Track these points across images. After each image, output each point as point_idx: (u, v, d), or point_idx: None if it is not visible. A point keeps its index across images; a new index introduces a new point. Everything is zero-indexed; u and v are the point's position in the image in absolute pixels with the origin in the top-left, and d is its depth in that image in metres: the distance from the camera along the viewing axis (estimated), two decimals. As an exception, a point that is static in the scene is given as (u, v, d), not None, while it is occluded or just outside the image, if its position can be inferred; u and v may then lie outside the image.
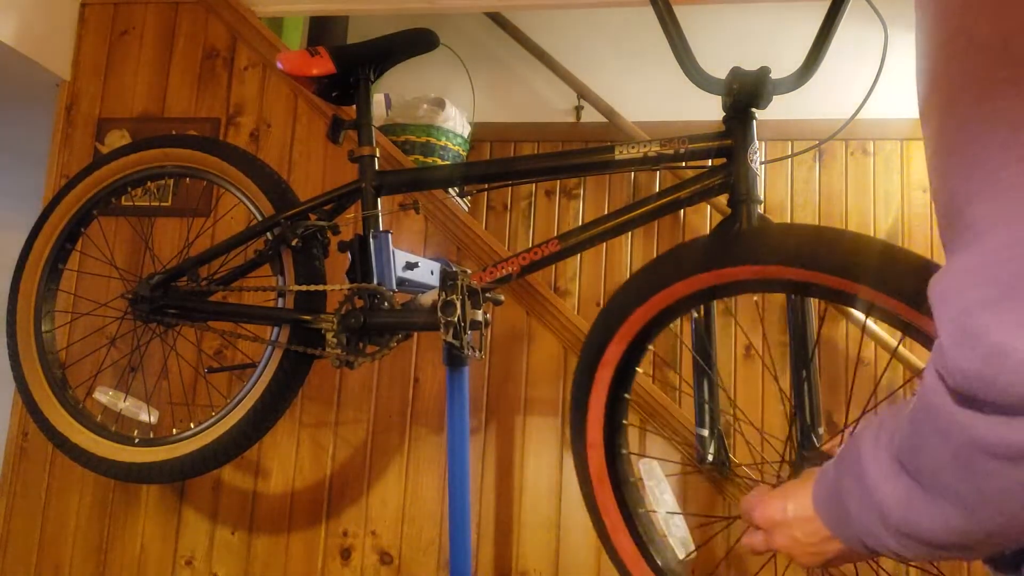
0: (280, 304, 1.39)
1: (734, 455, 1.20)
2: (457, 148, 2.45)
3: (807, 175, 2.73)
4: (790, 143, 2.70)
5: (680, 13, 1.11)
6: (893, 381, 2.50)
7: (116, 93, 2.15)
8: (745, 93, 1.08)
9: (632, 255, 2.76)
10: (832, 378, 2.52)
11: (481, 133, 2.73)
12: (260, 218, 1.42)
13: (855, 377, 2.50)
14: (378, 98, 2.51)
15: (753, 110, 1.10)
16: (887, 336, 2.43)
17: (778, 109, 1.19)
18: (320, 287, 1.33)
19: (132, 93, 2.14)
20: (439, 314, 1.20)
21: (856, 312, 1.63)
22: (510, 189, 2.83)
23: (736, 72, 1.09)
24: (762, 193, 1.21)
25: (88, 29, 2.19)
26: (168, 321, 1.44)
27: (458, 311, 1.19)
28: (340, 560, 1.83)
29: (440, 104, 2.44)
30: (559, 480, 1.80)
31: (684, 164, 1.17)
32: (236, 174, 1.46)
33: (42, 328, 1.59)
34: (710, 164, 1.14)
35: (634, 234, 2.76)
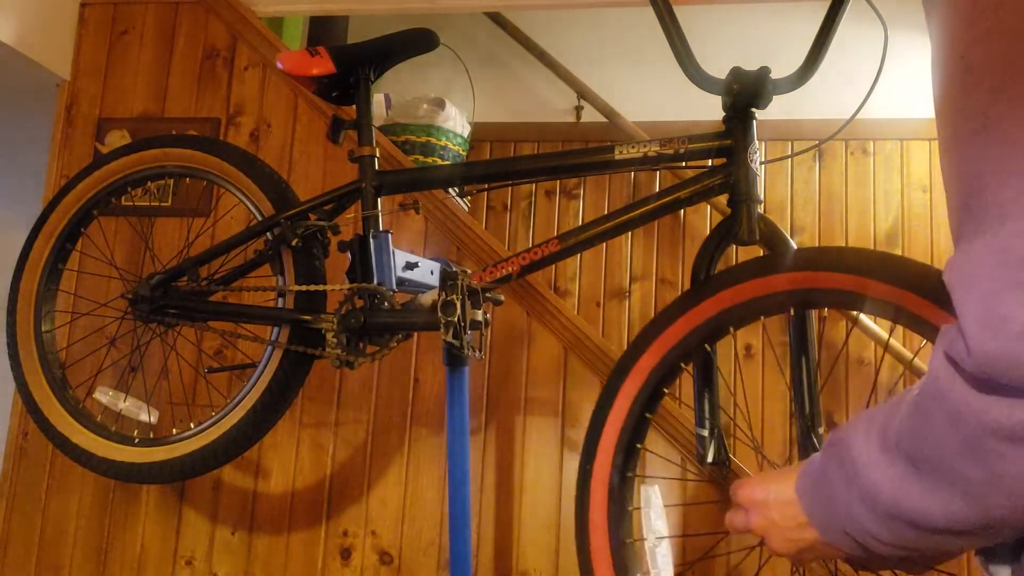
0: (280, 304, 1.39)
1: (734, 455, 1.20)
2: (457, 148, 2.45)
3: (807, 175, 2.73)
4: (790, 143, 2.70)
5: (680, 13, 1.11)
6: (893, 382, 2.50)
7: (116, 93, 2.15)
8: (745, 93, 1.08)
9: (632, 255, 2.76)
10: (832, 378, 2.52)
11: (481, 133, 2.73)
12: (260, 218, 1.42)
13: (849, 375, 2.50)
14: (378, 98, 2.51)
15: (753, 110, 1.10)
16: (880, 331, 2.44)
17: (778, 109, 1.19)
18: (320, 287, 1.33)
19: (132, 93, 2.14)
20: (439, 314, 1.20)
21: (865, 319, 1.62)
22: (510, 189, 2.83)
23: (736, 72, 1.09)
24: (762, 193, 1.21)
25: (88, 29, 2.19)
26: (168, 321, 1.44)
27: (458, 311, 1.19)
28: (340, 560, 1.83)
29: (440, 104, 2.44)
30: (559, 480, 1.80)
31: (684, 164, 1.17)
32: (236, 174, 1.46)
33: (42, 328, 1.59)
34: (710, 164, 1.15)
35: (634, 234, 2.76)
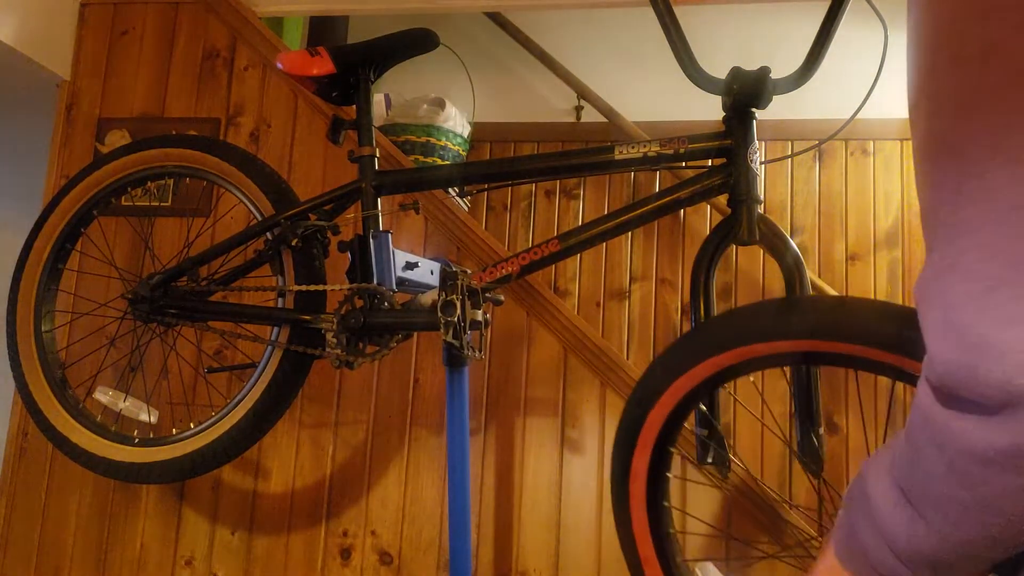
0: (280, 304, 1.39)
1: (735, 455, 1.20)
2: (457, 148, 2.45)
3: (807, 175, 2.73)
4: (790, 143, 2.70)
5: (680, 13, 1.11)
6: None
7: (116, 93, 2.15)
8: (745, 93, 1.08)
9: (632, 255, 2.76)
10: (833, 378, 2.52)
11: (481, 133, 2.73)
12: (260, 218, 1.42)
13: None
14: (378, 98, 2.51)
15: (753, 110, 1.10)
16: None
17: (778, 109, 1.19)
18: (320, 287, 1.33)
19: (132, 93, 2.14)
20: (439, 314, 1.20)
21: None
22: (510, 189, 2.83)
23: (736, 72, 1.09)
24: (762, 193, 1.21)
25: (88, 29, 2.19)
26: (168, 321, 1.44)
27: (458, 311, 1.19)
28: (340, 560, 1.83)
29: (440, 104, 2.44)
30: (559, 480, 1.80)
31: (684, 164, 1.17)
32: (236, 174, 1.46)
33: (42, 328, 1.59)
34: (710, 164, 1.15)
35: (634, 234, 2.76)
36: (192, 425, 1.42)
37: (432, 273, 1.39)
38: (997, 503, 0.43)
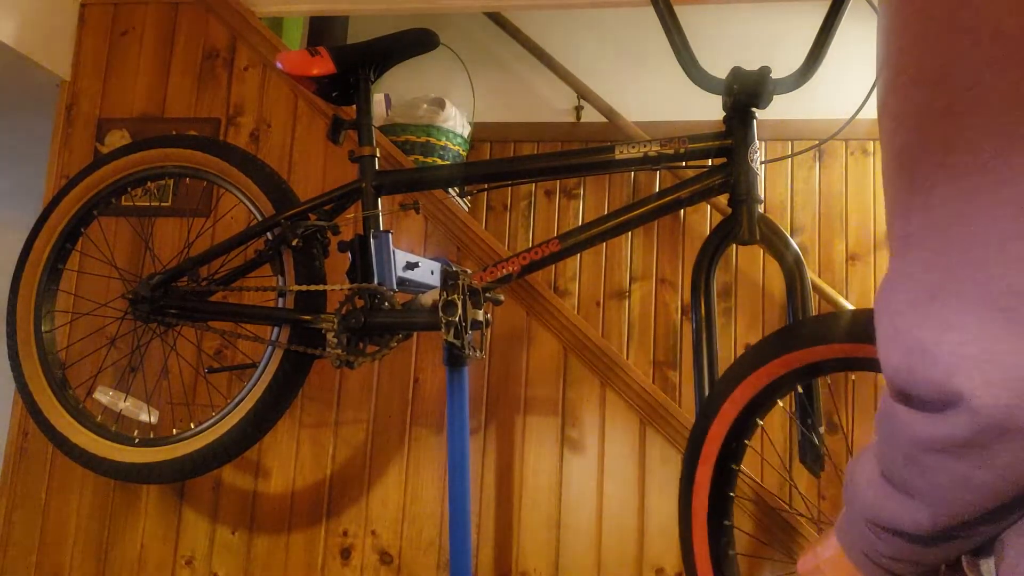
0: (280, 304, 1.39)
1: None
2: (457, 148, 2.45)
3: (807, 175, 2.73)
4: (790, 143, 2.70)
5: (681, 13, 1.11)
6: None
7: (116, 93, 2.15)
8: (745, 93, 1.08)
9: (632, 255, 2.76)
10: (832, 378, 2.52)
11: (481, 133, 2.73)
12: (260, 218, 1.42)
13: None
14: (378, 98, 2.51)
15: (753, 110, 1.10)
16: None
17: (778, 109, 1.19)
18: (320, 287, 1.33)
19: (132, 93, 2.14)
20: (440, 314, 1.20)
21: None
22: (510, 189, 2.83)
23: (737, 72, 1.09)
24: (762, 193, 1.21)
25: (88, 29, 2.19)
26: (168, 321, 1.44)
27: (459, 311, 1.19)
28: (340, 560, 1.83)
29: (440, 104, 2.44)
30: (559, 480, 1.80)
31: (684, 164, 1.17)
32: (236, 174, 1.46)
33: (42, 328, 1.59)
34: (710, 164, 1.15)
35: (634, 234, 2.76)
36: (192, 425, 1.42)
37: (432, 273, 1.39)
38: (950, 489, 0.46)
